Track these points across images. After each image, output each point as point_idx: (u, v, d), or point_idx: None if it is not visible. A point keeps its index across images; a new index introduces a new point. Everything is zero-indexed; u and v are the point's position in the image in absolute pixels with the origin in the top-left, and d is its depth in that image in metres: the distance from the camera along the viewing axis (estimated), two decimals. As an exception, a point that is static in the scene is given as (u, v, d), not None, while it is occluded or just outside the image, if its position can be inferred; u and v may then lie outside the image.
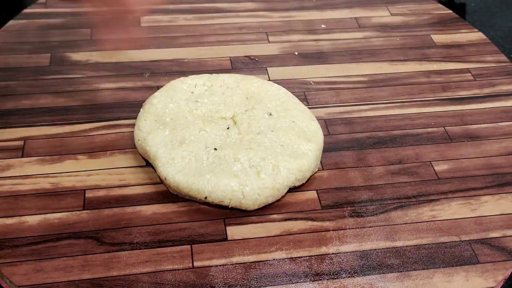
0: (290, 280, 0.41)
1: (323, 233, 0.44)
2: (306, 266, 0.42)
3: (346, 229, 0.45)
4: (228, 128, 0.50)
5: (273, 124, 0.51)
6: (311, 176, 0.48)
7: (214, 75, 0.56)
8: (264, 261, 0.42)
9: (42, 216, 0.45)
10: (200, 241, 0.43)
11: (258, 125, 0.51)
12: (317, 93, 0.57)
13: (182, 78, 0.55)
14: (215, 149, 0.48)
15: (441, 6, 0.71)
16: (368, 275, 0.42)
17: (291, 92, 0.55)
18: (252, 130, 0.50)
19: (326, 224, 0.45)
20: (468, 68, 0.61)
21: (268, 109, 0.53)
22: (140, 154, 0.49)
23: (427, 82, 0.59)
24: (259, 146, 0.49)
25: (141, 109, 0.52)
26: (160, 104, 0.52)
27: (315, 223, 0.45)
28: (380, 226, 0.45)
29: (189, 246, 0.43)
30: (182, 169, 0.47)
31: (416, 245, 0.44)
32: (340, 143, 0.52)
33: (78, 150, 0.50)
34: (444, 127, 0.54)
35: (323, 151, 0.50)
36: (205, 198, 0.45)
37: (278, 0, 0.71)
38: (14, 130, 0.52)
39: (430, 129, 0.54)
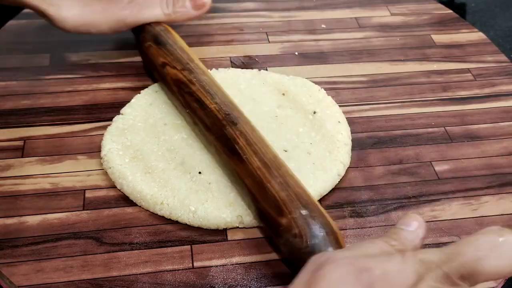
0: (291, 280, 0.41)
1: (323, 233, 0.44)
2: (306, 266, 0.42)
3: (346, 229, 0.45)
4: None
5: (311, 129, 0.49)
6: None
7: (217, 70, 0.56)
8: (264, 261, 0.42)
9: (42, 216, 0.45)
10: (200, 241, 0.43)
11: (294, 131, 0.49)
12: (317, 93, 0.57)
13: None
14: (200, 172, 0.45)
15: (441, 6, 0.71)
16: (368, 275, 0.41)
17: (291, 92, 0.55)
18: (279, 146, 0.47)
19: (326, 224, 0.45)
20: (468, 68, 0.61)
21: (308, 110, 0.51)
22: None
23: (427, 82, 0.59)
24: (287, 161, 0.45)
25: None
26: (131, 115, 0.50)
27: (315, 223, 0.45)
28: (380, 226, 0.45)
29: (189, 246, 0.43)
30: (157, 202, 0.44)
31: (416, 245, 0.43)
32: (340, 143, 0.52)
33: (78, 150, 0.50)
34: (444, 127, 0.54)
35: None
36: (198, 226, 0.44)
37: (278, 0, 0.71)
38: (14, 130, 0.52)
39: (430, 129, 0.54)
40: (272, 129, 0.50)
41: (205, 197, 0.44)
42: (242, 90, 0.54)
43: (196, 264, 0.42)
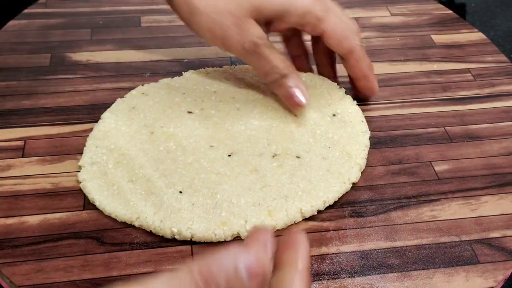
0: (290, 280, 0.41)
1: (323, 233, 0.44)
2: (306, 266, 0.42)
3: (346, 229, 0.45)
4: (230, 155, 0.46)
5: (329, 131, 0.49)
6: None
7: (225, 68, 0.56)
8: (264, 261, 0.42)
9: (43, 216, 0.45)
10: (200, 241, 0.43)
11: (305, 143, 0.48)
12: (317, 93, 0.57)
13: (175, 78, 0.55)
14: (180, 192, 0.44)
15: (441, 6, 0.71)
16: (368, 275, 0.42)
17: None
18: (291, 152, 0.47)
19: (326, 224, 0.45)
20: (468, 68, 0.61)
21: (331, 111, 0.50)
22: None
23: (427, 82, 0.59)
24: (292, 175, 0.45)
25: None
26: (111, 119, 0.49)
27: (315, 223, 0.45)
28: (380, 226, 0.45)
29: (189, 246, 0.43)
30: (138, 216, 0.43)
31: (416, 245, 0.44)
32: (340, 143, 0.52)
33: (78, 150, 0.50)
34: (444, 127, 0.54)
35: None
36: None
37: (278, 0, 0.70)
38: (14, 130, 0.52)
39: (430, 129, 0.54)
40: (287, 132, 0.49)
41: (189, 217, 0.43)
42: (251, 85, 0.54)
43: (196, 264, 0.42)
